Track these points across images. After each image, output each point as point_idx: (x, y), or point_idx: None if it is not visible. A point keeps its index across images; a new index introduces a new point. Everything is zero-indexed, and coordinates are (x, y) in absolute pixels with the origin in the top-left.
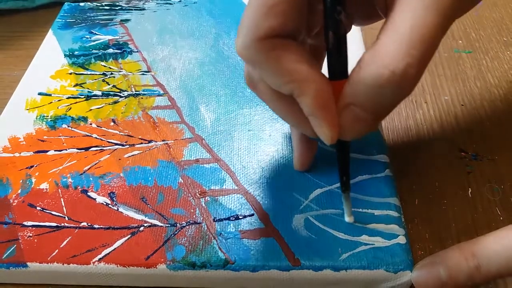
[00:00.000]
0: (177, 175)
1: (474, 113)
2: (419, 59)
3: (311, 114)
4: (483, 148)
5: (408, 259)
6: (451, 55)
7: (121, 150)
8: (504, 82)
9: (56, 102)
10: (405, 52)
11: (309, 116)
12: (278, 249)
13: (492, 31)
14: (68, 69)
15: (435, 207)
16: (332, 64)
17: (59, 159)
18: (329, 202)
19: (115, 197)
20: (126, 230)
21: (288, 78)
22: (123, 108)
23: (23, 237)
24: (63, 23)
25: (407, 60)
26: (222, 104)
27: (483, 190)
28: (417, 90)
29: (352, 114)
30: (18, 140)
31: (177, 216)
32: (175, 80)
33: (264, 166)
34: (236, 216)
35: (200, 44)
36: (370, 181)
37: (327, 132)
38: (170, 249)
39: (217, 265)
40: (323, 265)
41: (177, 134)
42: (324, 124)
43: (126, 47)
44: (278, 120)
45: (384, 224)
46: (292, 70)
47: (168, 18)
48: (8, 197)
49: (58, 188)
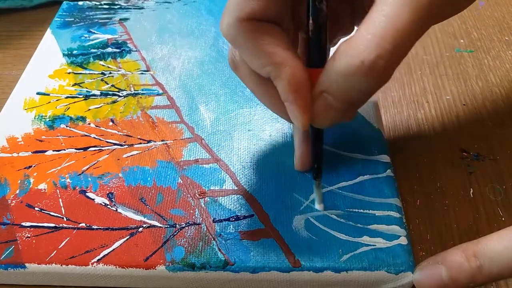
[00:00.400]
0: (177, 176)
1: (475, 113)
2: (390, 52)
3: (285, 99)
4: (484, 148)
5: (410, 260)
6: (453, 55)
7: (120, 150)
8: (506, 81)
9: (55, 101)
10: (376, 43)
11: (284, 100)
12: (278, 250)
13: (494, 30)
14: (67, 69)
15: (437, 208)
16: (310, 51)
17: (58, 159)
18: (330, 203)
19: (113, 197)
20: (125, 231)
21: (265, 60)
22: (122, 108)
23: (21, 238)
24: (61, 22)
25: (377, 51)
26: (222, 103)
27: (485, 191)
28: (419, 90)
29: (324, 101)
30: (16, 140)
31: (176, 217)
32: (174, 79)
33: (264, 166)
34: (236, 217)
35: (200, 43)
36: (371, 181)
37: (299, 117)
38: (169, 250)
39: (217, 266)
40: (324, 266)
41: (176, 134)
42: (297, 109)
43: (125, 46)
44: (278, 120)
45: (385, 225)
46: (269, 52)
47: (167, 17)
48: (6, 197)
49: (56, 189)
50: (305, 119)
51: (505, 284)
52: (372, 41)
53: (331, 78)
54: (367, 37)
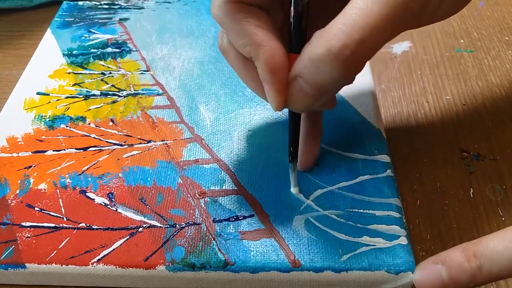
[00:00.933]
0: (176, 176)
1: (475, 113)
2: (358, 43)
3: (263, 79)
4: (484, 148)
5: (410, 260)
6: (453, 55)
7: (120, 150)
8: (506, 81)
9: (55, 101)
10: (344, 33)
11: (262, 80)
12: (278, 250)
13: (494, 30)
14: (67, 69)
15: (437, 208)
16: (290, 37)
17: (58, 159)
18: (330, 203)
19: (113, 197)
20: (125, 231)
21: (247, 39)
22: (122, 108)
23: (21, 238)
24: (61, 22)
25: (344, 40)
26: (222, 103)
27: (485, 191)
28: (419, 90)
29: (298, 85)
30: (16, 140)
31: (176, 217)
32: (174, 79)
33: (264, 166)
34: (236, 217)
35: (200, 43)
36: (371, 181)
37: (274, 97)
38: (169, 250)
39: (217, 266)
40: (324, 266)
41: (176, 134)
42: (272, 90)
43: (125, 46)
44: (279, 120)
45: (385, 225)
46: (251, 32)
47: (167, 16)
48: (6, 197)
49: (56, 189)
50: (279, 100)
51: (505, 284)
52: (341, 30)
53: (303, 63)
54: (338, 27)
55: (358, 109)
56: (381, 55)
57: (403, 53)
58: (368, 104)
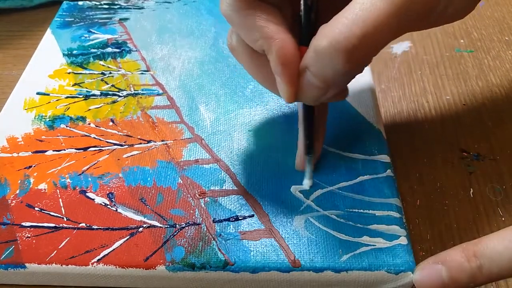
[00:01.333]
0: (177, 176)
1: (475, 113)
2: (358, 38)
3: (275, 71)
4: (484, 148)
5: (410, 260)
6: (453, 55)
7: (120, 150)
8: (506, 81)
9: (55, 101)
10: (347, 26)
11: (274, 72)
12: (278, 250)
13: (494, 30)
14: (67, 69)
15: (437, 208)
16: (300, 30)
17: (58, 159)
18: (330, 203)
19: (114, 197)
20: (125, 231)
21: (258, 33)
22: (122, 108)
23: (21, 238)
24: (61, 22)
25: (346, 34)
26: (222, 103)
27: (485, 191)
28: (419, 90)
29: (307, 77)
30: (16, 140)
31: (176, 217)
32: (174, 79)
33: (264, 166)
34: (236, 217)
35: (200, 43)
36: (371, 181)
37: (285, 89)
38: (169, 250)
39: (217, 266)
40: (324, 266)
41: (176, 134)
42: (283, 81)
43: (125, 46)
44: (279, 120)
45: (385, 225)
46: (261, 26)
47: (167, 16)
48: (6, 197)
49: (56, 189)
50: (290, 91)
51: (505, 284)
52: (344, 24)
53: (309, 55)
54: (341, 21)
55: (358, 109)
56: (381, 55)
57: (403, 53)
58: (368, 104)
